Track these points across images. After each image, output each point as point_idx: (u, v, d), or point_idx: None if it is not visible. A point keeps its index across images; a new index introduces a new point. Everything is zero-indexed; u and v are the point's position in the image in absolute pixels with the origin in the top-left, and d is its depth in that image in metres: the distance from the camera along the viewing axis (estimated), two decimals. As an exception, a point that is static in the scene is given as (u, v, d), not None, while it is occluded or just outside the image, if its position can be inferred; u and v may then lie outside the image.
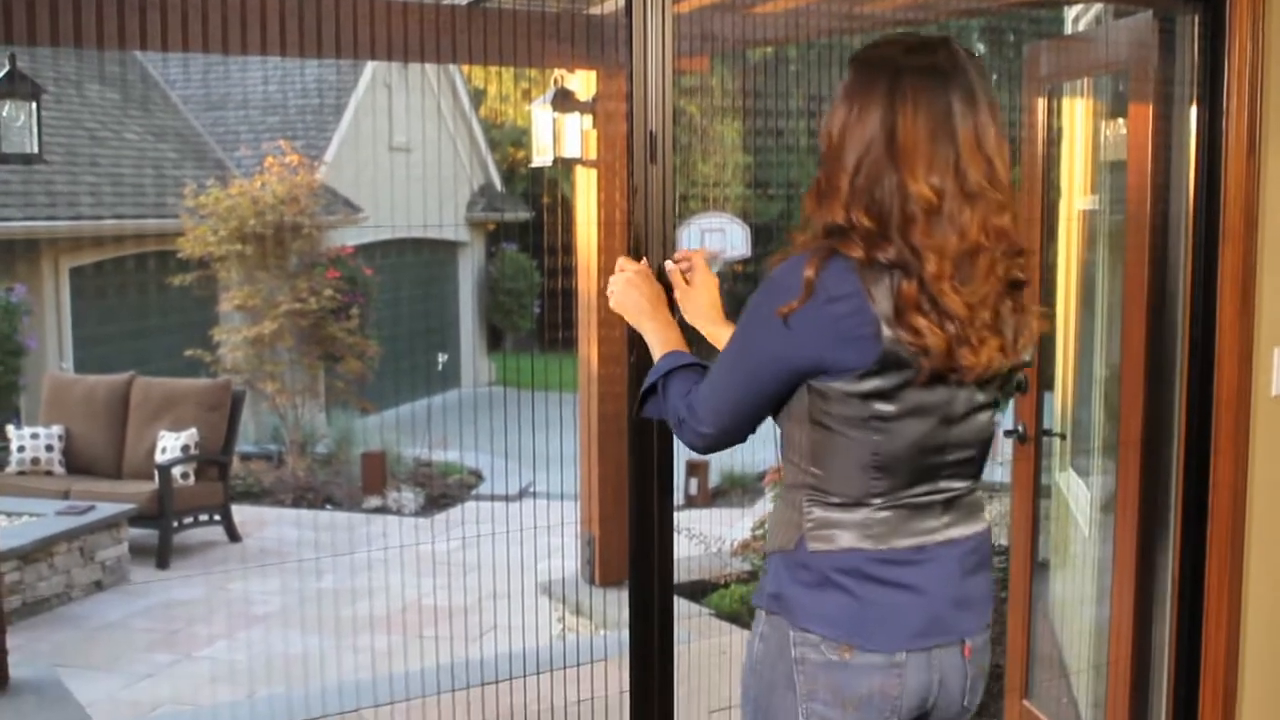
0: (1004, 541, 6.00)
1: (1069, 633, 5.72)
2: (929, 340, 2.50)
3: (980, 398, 2.70)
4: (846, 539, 2.67)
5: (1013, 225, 2.60)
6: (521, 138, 29.73)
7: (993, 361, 2.59)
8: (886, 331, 2.50)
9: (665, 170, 3.51)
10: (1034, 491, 5.80)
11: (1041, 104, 5.52)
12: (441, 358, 22.82)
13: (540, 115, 7.53)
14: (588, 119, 7.55)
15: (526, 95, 8.42)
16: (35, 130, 6.61)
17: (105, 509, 11.18)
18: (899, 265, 2.51)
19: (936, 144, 2.53)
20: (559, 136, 7.47)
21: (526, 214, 26.03)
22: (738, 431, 2.83)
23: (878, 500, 2.66)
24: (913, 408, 2.60)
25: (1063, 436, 5.84)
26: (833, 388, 2.59)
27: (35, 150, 6.66)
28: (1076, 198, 5.74)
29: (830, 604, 2.68)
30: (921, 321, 2.49)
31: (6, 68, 6.53)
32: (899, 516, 2.68)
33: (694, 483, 15.04)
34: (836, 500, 2.68)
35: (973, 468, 2.78)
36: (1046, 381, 5.79)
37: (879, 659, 2.66)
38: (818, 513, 2.69)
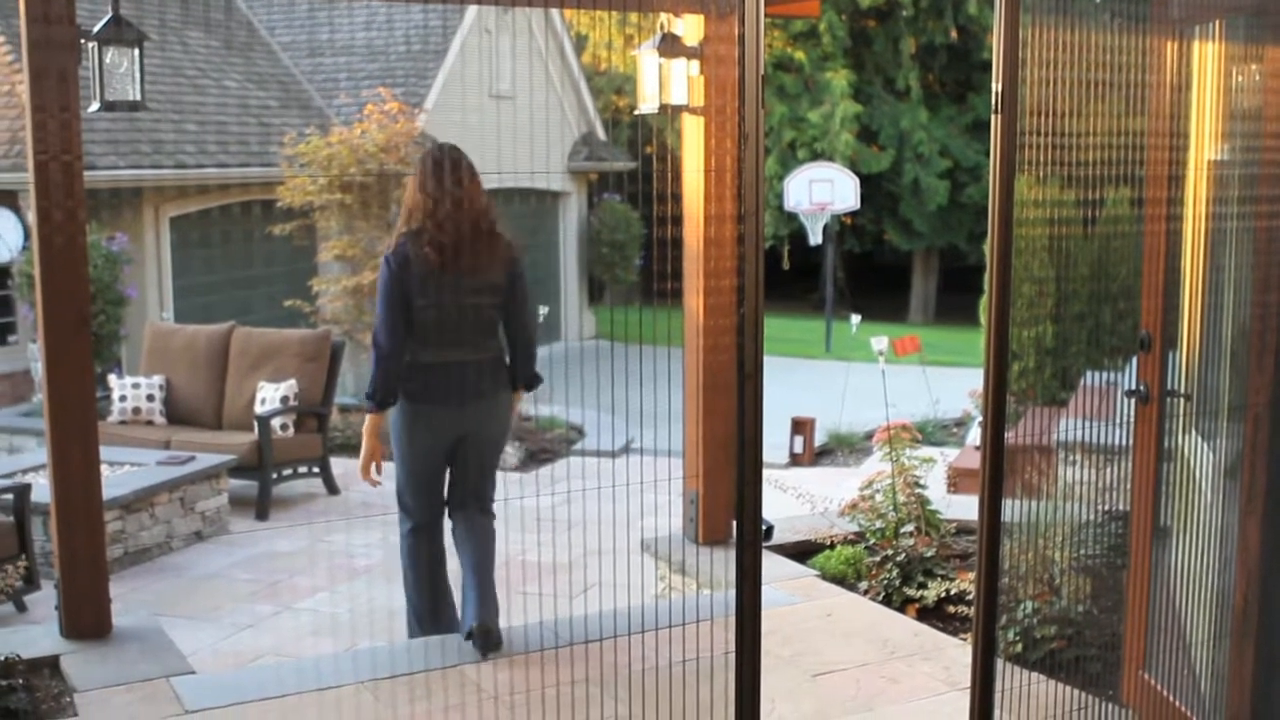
0: (1124, 507, 5.80)
1: (1190, 603, 5.52)
2: (412, 250, 6.38)
3: (472, 296, 6.44)
4: (415, 359, 6.46)
5: (472, 204, 6.39)
6: (624, 85, 29.61)
7: (446, 258, 6.30)
8: (410, 255, 6.37)
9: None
10: (1156, 455, 5.60)
11: (1170, 48, 5.30)
12: (543, 310, 22.79)
13: (646, 61, 7.35)
14: (694, 64, 7.36)
15: (630, 41, 8.25)
16: (138, 77, 6.53)
17: (205, 459, 11.20)
18: (415, 227, 6.43)
19: (427, 184, 6.41)
20: (665, 83, 7.30)
21: (630, 163, 25.89)
22: (398, 338, 6.42)
23: (429, 340, 6.43)
24: (430, 302, 6.34)
25: (1187, 397, 5.62)
26: (407, 298, 6.37)
27: (138, 97, 6.58)
28: (1206, 148, 5.50)
29: (408, 384, 6.52)
30: (419, 245, 6.37)
31: (110, 14, 6.45)
32: (437, 348, 6.45)
33: (799, 441, 14.86)
34: (418, 344, 6.45)
35: (481, 335, 6.54)
36: (1171, 340, 5.57)
37: (435, 407, 6.56)
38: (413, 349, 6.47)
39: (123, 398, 12.84)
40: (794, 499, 8.51)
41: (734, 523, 4.43)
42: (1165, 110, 5.35)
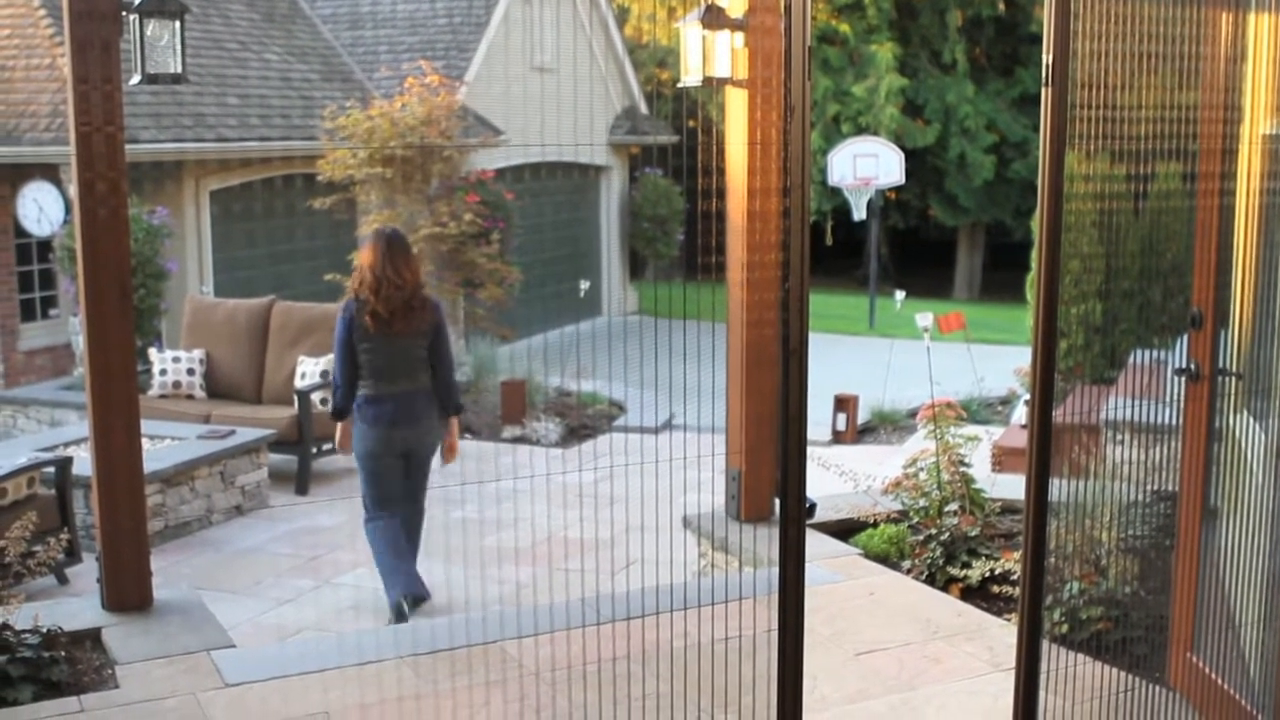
0: (1172, 487, 5.71)
1: (1239, 584, 5.45)
2: (356, 315, 8.08)
3: (403, 344, 8.14)
4: (363, 391, 8.18)
5: (408, 281, 8.14)
6: (666, 58, 29.46)
7: (381, 325, 8.02)
8: (355, 315, 8.10)
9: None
10: (1206, 434, 5.51)
11: (1225, 19, 5.20)
12: (583, 285, 22.68)
13: (690, 33, 7.27)
14: (738, 36, 7.28)
15: (673, 13, 8.16)
16: (179, 50, 6.49)
17: (245, 434, 11.22)
18: (362, 298, 8.13)
19: (375, 266, 8.05)
20: (709, 55, 7.22)
21: (672, 137, 25.76)
22: (350, 374, 8.18)
23: (374, 377, 8.14)
24: (372, 348, 8.09)
25: (1239, 376, 5.53)
26: (354, 345, 8.13)
27: (179, 70, 6.54)
28: (1260, 122, 5.41)
29: (360, 411, 8.21)
30: (363, 313, 8.06)
31: (151, -14, 6.40)
32: (380, 383, 8.14)
33: (841, 418, 14.76)
34: (363, 379, 8.17)
35: (413, 374, 8.23)
36: (1223, 317, 5.47)
37: (381, 428, 8.15)
38: (363, 383, 8.22)
39: (163, 371, 12.86)
40: (836, 477, 8.44)
41: (777, 500, 4.38)
42: (1219, 83, 5.26)
